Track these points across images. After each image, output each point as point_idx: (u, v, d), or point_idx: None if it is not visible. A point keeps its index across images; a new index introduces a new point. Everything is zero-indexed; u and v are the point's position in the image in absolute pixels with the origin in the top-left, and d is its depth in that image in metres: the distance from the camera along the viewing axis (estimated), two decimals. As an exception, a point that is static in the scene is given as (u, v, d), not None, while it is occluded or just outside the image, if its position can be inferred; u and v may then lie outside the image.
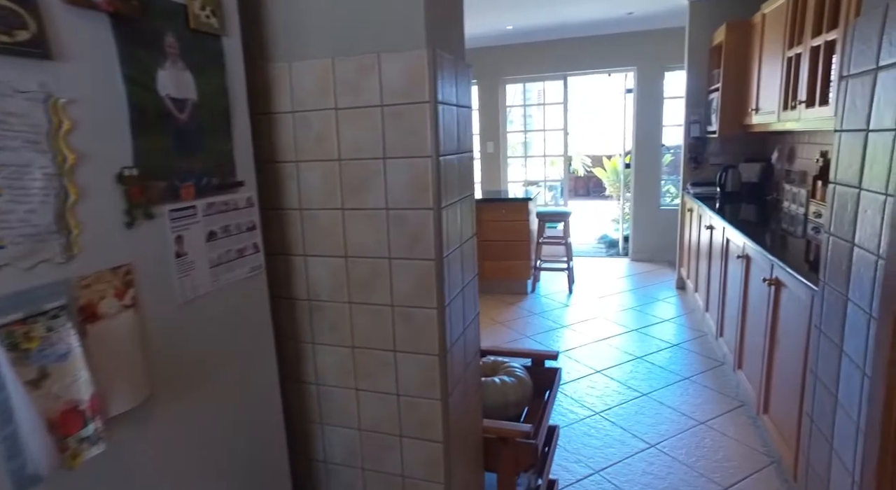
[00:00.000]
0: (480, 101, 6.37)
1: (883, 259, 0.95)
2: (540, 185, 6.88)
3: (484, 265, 5.16)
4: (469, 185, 1.45)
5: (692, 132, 4.80)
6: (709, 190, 4.54)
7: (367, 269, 1.27)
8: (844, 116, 1.16)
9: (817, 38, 2.75)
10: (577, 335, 4.11)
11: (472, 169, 1.47)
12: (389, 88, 1.17)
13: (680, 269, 5.03)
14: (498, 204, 5.09)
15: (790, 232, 3.12)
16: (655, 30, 5.62)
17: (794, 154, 3.93)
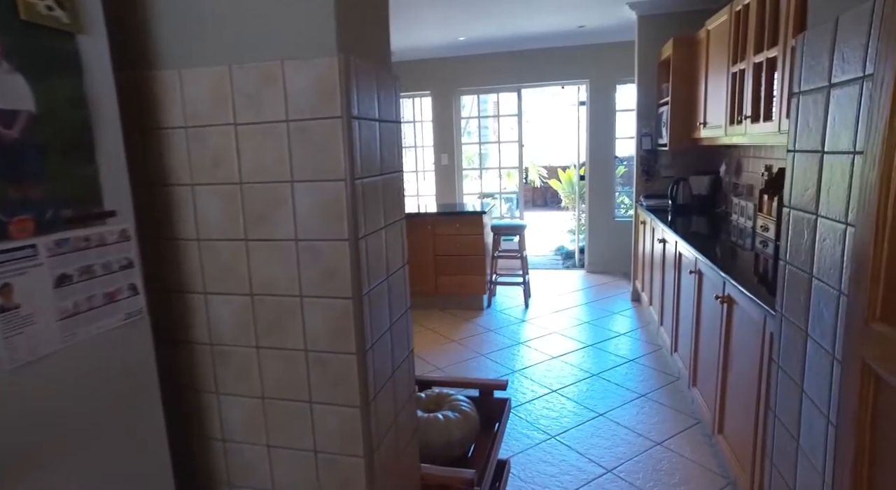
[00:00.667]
0: (434, 113, 6.26)
1: (845, 295, 0.85)
2: (496, 197, 6.80)
3: (439, 280, 5.01)
4: (398, 209, 1.30)
5: (644, 145, 4.81)
6: (661, 202, 4.54)
7: (276, 308, 1.10)
8: (797, 136, 1.07)
9: (759, 54, 2.75)
10: (533, 352, 4.00)
11: (401, 190, 1.32)
12: (296, 101, 1.00)
13: (635, 282, 5.01)
14: (452, 218, 4.96)
15: (739, 245, 3.11)
16: (606, 43, 5.65)
17: (740, 167, 3.96)
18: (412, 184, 6.90)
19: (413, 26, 4.91)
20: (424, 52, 5.91)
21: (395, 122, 1.26)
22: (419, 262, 5.01)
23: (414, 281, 4.76)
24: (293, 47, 0.99)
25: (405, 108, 6.70)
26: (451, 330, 4.53)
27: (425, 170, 6.70)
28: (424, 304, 5.10)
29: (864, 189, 0.78)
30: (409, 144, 6.80)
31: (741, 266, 2.65)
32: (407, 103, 6.68)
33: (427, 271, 5.02)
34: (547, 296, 5.41)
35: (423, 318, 4.83)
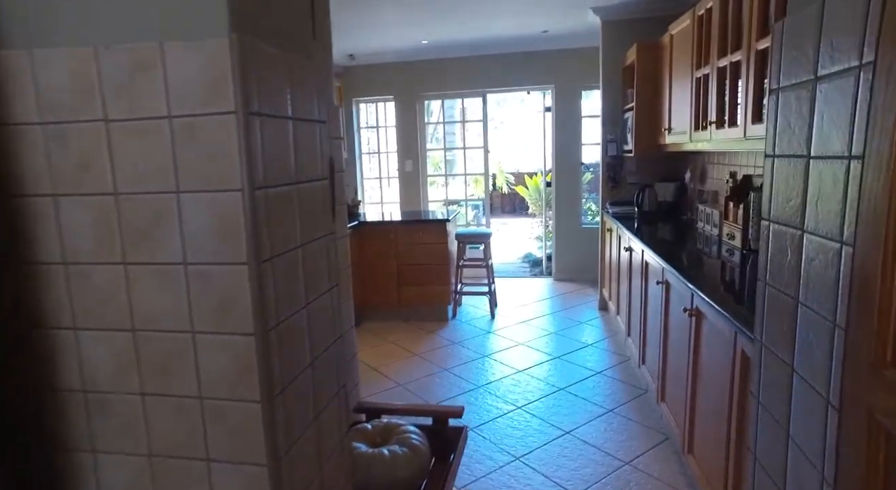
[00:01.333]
0: (398, 118, 6.07)
1: (842, 329, 0.71)
2: (461, 204, 6.65)
3: (402, 291, 4.81)
4: (323, 224, 1.10)
5: (609, 151, 4.73)
6: (627, 209, 4.45)
7: (163, 347, 0.89)
8: (777, 138, 0.93)
9: (723, 59, 2.66)
10: (498, 366, 3.83)
11: (326, 201, 1.13)
12: (179, 92, 0.81)
13: (602, 290, 4.91)
14: (415, 226, 4.77)
15: (706, 254, 3.01)
16: (571, 49, 5.57)
17: (705, 174, 3.89)
18: (376, 191, 6.68)
19: (374, 27, 4.72)
20: (387, 55, 5.72)
21: (317, 122, 1.07)
22: (381, 272, 4.80)
23: (376, 292, 4.54)
24: (175, 25, 0.79)
25: (368, 112, 6.50)
26: (414, 343, 4.33)
27: (389, 176, 6.49)
28: (387, 315, 4.89)
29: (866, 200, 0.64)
30: (373, 150, 6.59)
31: (709, 277, 2.54)
32: (370, 108, 6.48)
33: (390, 282, 4.81)
34: (514, 305, 5.26)
35: (386, 331, 4.62)
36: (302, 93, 1.00)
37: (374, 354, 4.12)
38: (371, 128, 6.55)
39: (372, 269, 4.80)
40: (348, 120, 6.11)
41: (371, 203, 6.65)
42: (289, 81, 0.94)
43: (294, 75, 0.96)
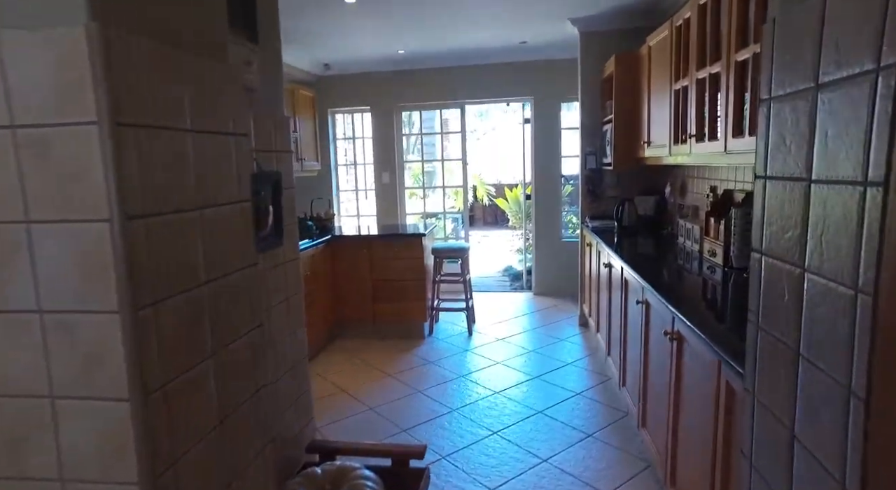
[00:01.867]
0: (374, 129, 5.91)
1: (861, 400, 0.56)
2: (439, 217, 6.49)
3: (376, 307, 4.62)
4: (241, 254, 0.93)
5: (588, 164, 4.61)
6: (607, 223, 4.33)
7: (14, 416, 0.70)
8: (769, 156, 0.78)
9: (702, 70, 2.55)
10: (474, 387, 3.65)
11: (245, 226, 0.95)
12: (24, 97, 0.63)
13: (582, 306, 4.77)
14: (389, 240, 4.60)
15: (687, 270, 2.88)
16: (550, 60, 5.48)
17: (685, 188, 3.79)
18: (352, 203, 6.50)
19: (348, 36, 4.58)
20: (363, 65, 5.57)
21: (231, 135, 0.89)
22: (355, 288, 4.61)
23: (350, 309, 4.33)
24: (14, 7, 0.62)
25: (346, 123, 6.33)
26: (387, 362, 4.14)
27: (367, 188, 6.32)
28: (362, 332, 4.69)
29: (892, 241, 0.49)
30: (350, 162, 6.41)
31: (690, 297, 2.40)
32: (347, 119, 6.31)
33: (364, 298, 4.62)
34: (492, 321, 5.10)
35: (359, 349, 4.41)
36: (208, 101, 0.82)
37: (345, 375, 3.92)
38: (348, 139, 6.38)
39: (345, 285, 4.61)
40: (323, 131, 5.93)
41: (348, 215, 6.46)
42: (187, 87, 0.77)
43: (196, 80, 0.79)
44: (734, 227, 2.57)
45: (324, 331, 4.42)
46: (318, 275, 4.27)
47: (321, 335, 4.38)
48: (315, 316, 4.20)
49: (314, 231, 4.64)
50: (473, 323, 4.95)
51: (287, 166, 1.65)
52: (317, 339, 4.29)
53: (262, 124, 1.45)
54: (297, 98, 4.54)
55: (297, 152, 4.51)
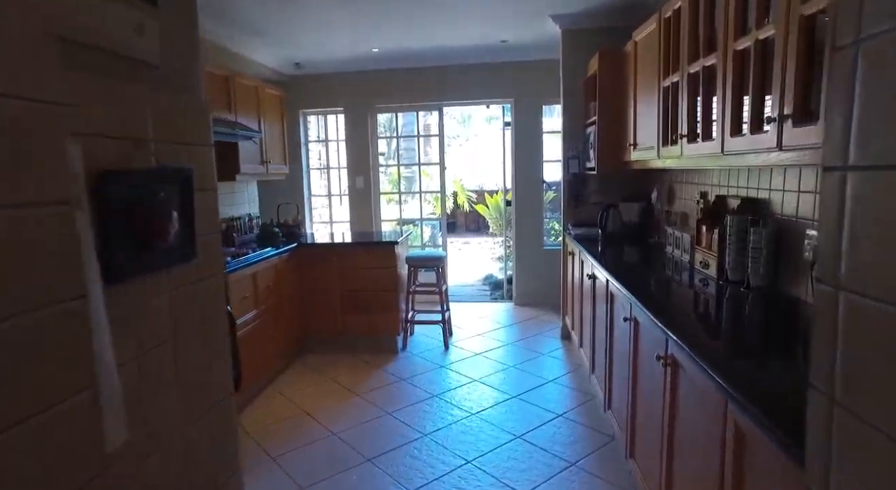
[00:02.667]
0: (348, 131, 5.61)
1: None
2: (416, 223, 6.20)
3: (346, 320, 4.30)
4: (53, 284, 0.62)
5: (571, 168, 4.37)
6: (590, 231, 4.08)
7: None
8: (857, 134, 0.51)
9: (694, 64, 2.31)
10: (448, 408, 3.35)
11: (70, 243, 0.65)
12: None
13: (565, 318, 4.51)
14: (359, 248, 4.29)
15: (677, 283, 2.63)
16: (531, 61, 5.24)
17: (673, 194, 3.55)
18: (325, 209, 6.17)
19: (319, 32, 4.28)
20: (336, 64, 5.28)
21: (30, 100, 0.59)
22: (323, 299, 4.29)
23: (318, 321, 3.99)
24: None
25: (320, 125, 6.02)
26: (357, 380, 3.82)
27: (342, 193, 6.00)
28: (331, 347, 4.36)
29: None
30: (322, 165, 6.09)
31: (684, 315, 2.13)
32: (319, 121, 6.00)
33: (333, 310, 4.30)
34: (470, 333, 4.81)
35: (328, 366, 4.09)
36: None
37: (310, 395, 3.59)
38: (320, 141, 6.07)
39: (314, 296, 4.29)
40: (294, 132, 5.61)
41: (321, 222, 6.13)
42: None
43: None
44: (729, 236, 2.32)
45: (289, 345, 4.09)
46: (282, 285, 3.95)
47: (286, 350, 4.05)
48: (279, 330, 3.88)
49: (280, 238, 4.32)
50: (450, 336, 4.65)
51: (206, 163, 1.35)
52: (281, 355, 3.96)
53: (164, 109, 1.14)
54: (263, 97, 4.22)
55: (262, 154, 4.20)
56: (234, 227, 4.16)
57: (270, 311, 3.76)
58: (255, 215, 4.64)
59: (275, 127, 4.48)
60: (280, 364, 3.96)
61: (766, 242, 2.15)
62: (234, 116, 3.75)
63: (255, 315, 3.54)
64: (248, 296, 3.46)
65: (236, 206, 4.41)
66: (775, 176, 2.22)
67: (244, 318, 3.38)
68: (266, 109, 4.28)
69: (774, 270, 2.16)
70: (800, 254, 2.00)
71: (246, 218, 4.39)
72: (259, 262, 3.60)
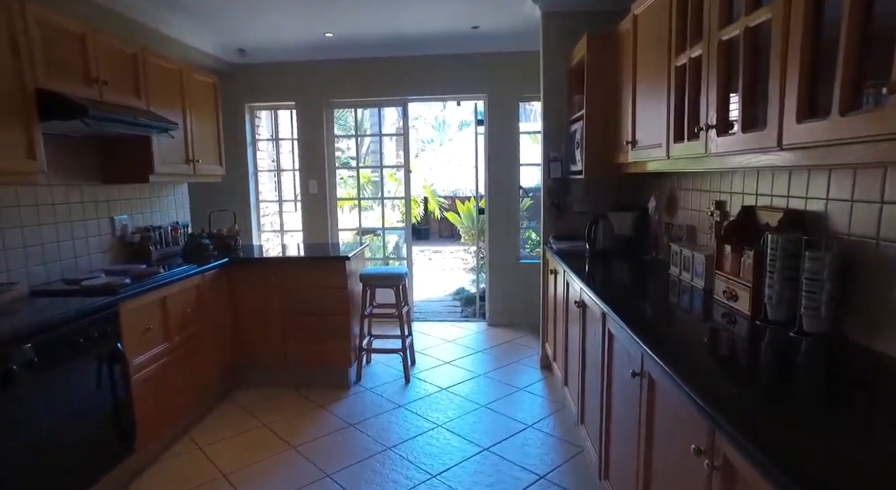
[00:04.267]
0: (300, 129, 4.87)
1: None
2: (378, 232, 5.48)
3: (289, 349, 3.57)
4: None
5: (552, 172, 3.73)
6: (574, 245, 3.44)
7: None
8: None
9: (729, 28, 1.66)
10: (403, 467, 2.65)
11: None
12: None
13: (545, 345, 3.85)
14: (303, 264, 3.56)
15: (699, 319, 1.98)
16: (508, 52, 4.60)
17: (675, 203, 2.93)
18: (276, 217, 5.41)
19: (263, 11, 3.56)
20: (286, 51, 4.55)
21: None
22: (262, 324, 3.55)
23: (256, 350, 3.07)
24: None
25: (272, 122, 5.26)
26: (295, 427, 3.08)
27: (297, 199, 5.25)
28: (270, 381, 3.61)
29: None
30: (272, 167, 5.33)
31: (725, 374, 1.46)
32: (270, 117, 5.25)
33: (273, 337, 3.56)
34: (436, 361, 4.11)
35: (262, 406, 3.33)
36: None
37: (233, 448, 2.84)
38: (271, 140, 5.30)
39: (249, 320, 3.54)
40: (238, 129, 4.85)
41: (272, 231, 5.36)
42: None
43: None
44: (772, 262, 1.69)
45: (216, 382, 3.33)
46: (207, 310, 3.19)
47: (211, 388, 3.29)
48: (201, 364, 3.12)
49: (210, 252, 3.56)
50: (413, 365, 3.95)
51: None
52: (205, 394, 3.20)
53: None
54: (190, 83, 3.47)
55: (189, 152, 3.44)
56: (152, 238, 3.39)
57: (189, 343, 3.01)
58: (185, 224, 3.87)
59: (207, 120, 3.73)
60: (202, 406, 3.20)
61: (830, 273, 1.52)
62: (144, 104, 2.99)
63: (165, 349, 2.78)
64: (154, 327, 2.70)
65: (157, 213, 3.64)
66: (838, 179, 1.59)
67: (147, 354, 2.63)
68: (194, 99, 3.53)
69: (843, 312, 1.53)
70: (888, 291, 1.37)
71: (169, 228, 3.62)
72: (172, 284, 2.85)
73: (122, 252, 3.25)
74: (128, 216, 3.32)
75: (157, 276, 2.82)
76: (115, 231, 3.19)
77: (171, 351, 2.83)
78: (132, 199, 3.38)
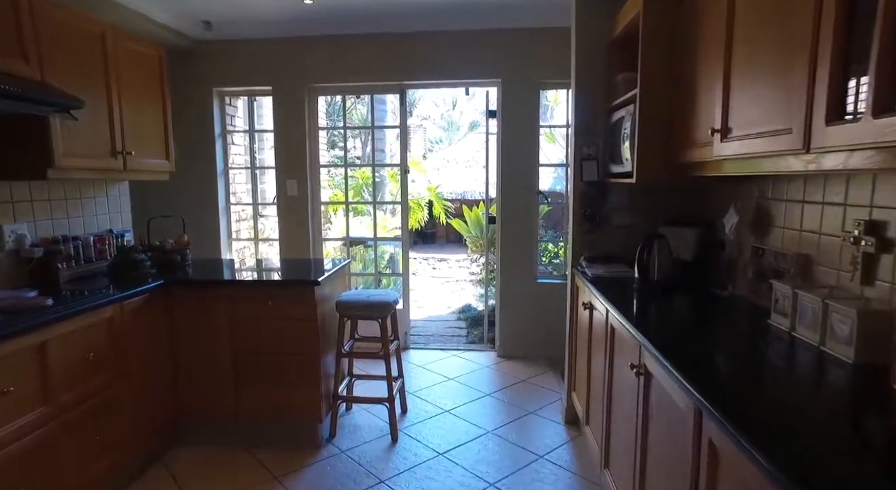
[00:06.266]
0: (277, 119, 4.03)
1: None
2: (369, 244, 4.61)
3: (241, 397, 2.72)
4: None
5: (585, 174, 2.85)
6: (615, 271, 2.56)
7: None
8: None
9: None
10: None
11: None
12: None
13: (572, 395, 2.97)
14: (261, 289, 2.69)
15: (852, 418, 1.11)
16: (528, 28, 3.74)
17: (766, 218, 2.05)
18: (249, 223, 4.56)
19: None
20: (260, 25, 3.71)
21: None
22: (208, 364, 2.70)
23: (199, 398, 2.09)
24: None
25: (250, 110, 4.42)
26: (235, 515, 2.22)
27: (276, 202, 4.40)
28: (218, 437, 2.76)
29: None
30: (240, 164, 4.49)
31: None
32: (242, 103, 4.40)
33: (222, 381, 2.71)
34: (433, 409, 3.23)
35: (201, 476, 2.48)
36: None
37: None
38: (244, 132, 4.46)
39: (190, 360, 2.69)
40: (204, 118, 4.02)
41: (242, 238, 4.52)
42: None
43: None
44: None
45: (140, 445, 2.48)
46: (126, 350, 2.36)
47: (134, 454, 2.44)
48: (114, 425, 2.29)
49: (147, 270, 2.73)
50: (404, 414, 3.09)
51: None
52: (121, 464, 2.35)
53: None
54: (118, 52, 2.63)
55: (114, 141, 2.61)
56: (62, 253, 2.55)
57: (91, 400, 2.17)
58: (121, 233, 3.03)
59: (146, 103, 2.90)
60: (118, 478, 2.35)
61: None
62: (37, 73, 2.16)
63: (42, 416, 1.94)
64: (20, 386, 1.85)
65: (76, 219, 2.80)
66: None
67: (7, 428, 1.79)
68: (125, 73, 2.70)
69: None
70: None
71: (92, 239, 2.78)
72: (60, 322, 2.00)
73: (16, 271, 2.41)
74: (27, 224, 2.49)
75: (39, 312, 1.98)
76: (3, 243, 2.36)
77: (53, 416, 1.98)
78: (36, 201, 2.54)
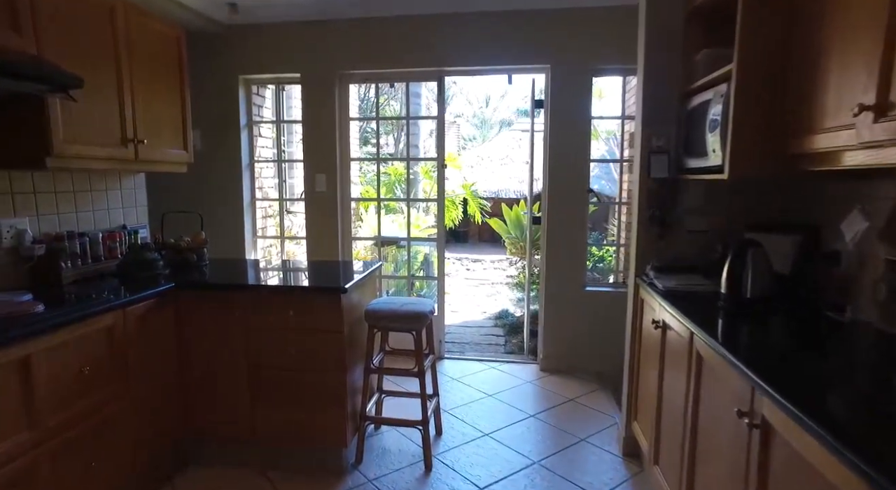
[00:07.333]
0: (305, 109, 3.72)
1: None
2: (402, 244, 4.28)
3: (257, 415, 2.41)
4: None
5: (655, 170, 2.42)
6: (691, 283, 2.14)
7: None
8: None
9: None
10: None
11: None
12: None
13: (632, 424, 2.55)
14: (279, 297, 2.37)
15: None
16: (581, 7, 3.31)
17: (904, 225, 1.59)
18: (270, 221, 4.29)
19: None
20: (289, 8, 3.41)
21: None
22: (220, 379, 2.41)
23: (211, 415, 1.82)
24: None
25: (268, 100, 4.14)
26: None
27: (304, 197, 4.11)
28: (232, 459, 2.47)
29: None
30: (267, 157, 4.21)
31: None
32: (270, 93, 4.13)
33: (236, 397, 2.41)
34: (472, 432, 2.85)
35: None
36: None
37: None
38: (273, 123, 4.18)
39: (205, 373, 2.40)
40: (230, 106, 3.76)
41: (269, 237, 4.25)
42: None
43: None
44: None
45: (145, 468, 2.20)
46: (126, 364, 2.07)
47: (138, 477, 2.15)
48: (112, 447, 2.02)
49: (160, 270, 2.46)
50: (439, 437, 2.74)
51: None
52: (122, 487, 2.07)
53: None
54: (129, 28, 2.34)
55: (124, 128, 2.33)
56: (66, 251, 2.29)
57: (86, 421, 1.89)
58: (135, 230, 2.77)
59: (163, 88, 2.63)
60: (118, 507, 2.07)
61: None
62: (33, 46, 1.89)
63: (28, 441, 1.66)
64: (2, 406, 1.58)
65: (86, 214, 2.55)
66: None
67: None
68: (139, 54, 2.42)
69: None
70: None
71: (102, 236, 2.53)
72: (51, 332, 1.73)
73: (15, 271, 2.16)
74: (28, 218, 2.24)
75: (25, 320, 1.71)
76: (0, 239, 2.11)
77: (42, 441, 1.71)
78: (40, 193, 2.29)
